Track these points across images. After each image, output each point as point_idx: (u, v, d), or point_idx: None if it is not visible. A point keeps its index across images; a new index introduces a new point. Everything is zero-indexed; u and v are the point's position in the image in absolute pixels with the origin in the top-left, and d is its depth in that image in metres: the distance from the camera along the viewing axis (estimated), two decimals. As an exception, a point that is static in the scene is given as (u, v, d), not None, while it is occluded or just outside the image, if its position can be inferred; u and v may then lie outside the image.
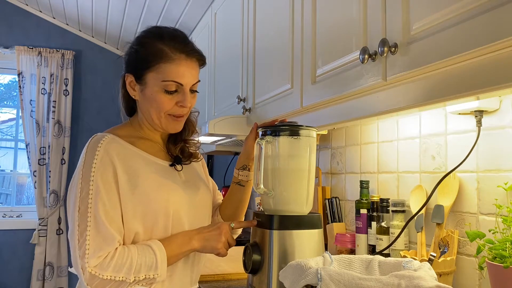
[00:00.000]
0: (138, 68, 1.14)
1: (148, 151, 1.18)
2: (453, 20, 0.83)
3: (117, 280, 1.03)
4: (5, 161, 4.06)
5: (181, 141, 1.26)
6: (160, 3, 2.93)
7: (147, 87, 1.14)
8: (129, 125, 1.23)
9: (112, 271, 1.02)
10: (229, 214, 1.35)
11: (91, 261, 1.01)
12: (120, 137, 1.15)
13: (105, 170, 1.07)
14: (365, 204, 1.59)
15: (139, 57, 1.14)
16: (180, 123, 1.20)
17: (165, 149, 1.24)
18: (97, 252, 1.02)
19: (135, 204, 1.08)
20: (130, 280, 1.03)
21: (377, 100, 1.09)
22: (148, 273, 1.06)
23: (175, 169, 1.21)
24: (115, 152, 1.10)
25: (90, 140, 1.12)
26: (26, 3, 3.77)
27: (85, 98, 3.94)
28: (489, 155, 1.19)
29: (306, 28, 1.41)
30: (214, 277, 1.61)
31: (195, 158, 1.30)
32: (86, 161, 1.08)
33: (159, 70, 1.12)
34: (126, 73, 1.18)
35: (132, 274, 1.03)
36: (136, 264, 1.04)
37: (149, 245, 1.07)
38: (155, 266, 1.06)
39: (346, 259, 1.07)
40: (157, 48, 1.12)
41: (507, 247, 0.97)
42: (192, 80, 1.16)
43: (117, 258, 1.03)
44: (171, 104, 1.14)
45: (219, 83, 2.42)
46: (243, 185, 1.32)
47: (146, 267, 1.05)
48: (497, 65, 0.77)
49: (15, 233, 3.74)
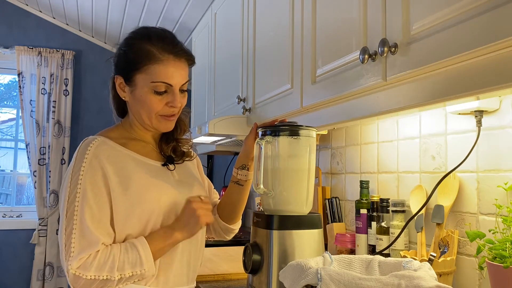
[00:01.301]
0: (127, 70, 1.15)
1: (140, 152, 1.18)
2: (453, 20, 0.83)
3: (102, 279, 1.03)
4: (5, 161, 4.06)
5: (173, 140, 1.27)
6: (160, 3, 2.93)
7: (137, 89, 1.14)
8: (121, 126, 1.23)
9: (94, 271, 1.03)
10: (227, 213, 1.35)
11: (74, 263, 1.03)
12: (111, 139, 1.16)
13: (94, 173, 1.08)
14: (365, 204, 1.59)
15: (128, 59, 1.15)
16: (171, 123, 1.20)
17: (158, 149, 1.24)
18: (80, 254, 1.03)
19: (127, 206, 1.09)
20: (115, 278, 1.04)
21: (377, 100, 1.09)
22: (134, 270, 1.06)
23: (167, 169, 1.21)
24: (105, 155, 1.10)
25: (81, 144, 1.13)
26: (26, 3, 3.77)
27: (85, 98, 3.95)
28: (489, 155, 1.19)
29: (306, 28, 1.41)
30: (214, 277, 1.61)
31: (188, 157, 1.29)
32: (75, 164, 1.09)
33: (148, 71, 1.12)
34: (115, 74, 1.19)
35: (115, 271, 1.04)
36: (118, 262, 1.04)
37: (132, 242, 1.08)
38: (140, 262, 1.06)
39: (346, 259, 1.07)
40: (145, 49, 1.13)
41: (507, 247, 0.97)
42: (181, 80, 1.16)
43: (99, 257, 1.04)
44: (161, 105, 1.15)
45: (219, 83, 2.42)
46: (242, 185, 1.32)
47: (130, 264, 1.05)
48: (497, 65, 0.77)
49: (15, 233, 3.74)
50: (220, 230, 1.37)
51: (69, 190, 1.08)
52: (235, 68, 2.10)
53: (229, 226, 1.36)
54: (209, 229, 1.38)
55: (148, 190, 1.12)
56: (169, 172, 1.21)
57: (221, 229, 1.36)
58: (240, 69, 2.03)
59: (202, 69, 2.73)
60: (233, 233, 1.39)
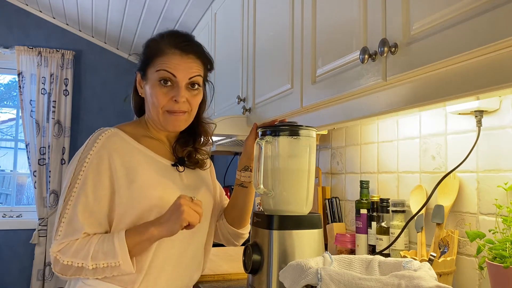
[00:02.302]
0: (143, 67, 1.20)
1: (152, 148, 1.19)
2: (453, 20, 0.83)
3: (76, 266, 1.05)
4: (5, 161, 4.06)
5: (192, 147, 1.26)
6: (160, 3, 2.93)
7: (148, 83, 1.18)
8: (138, 123, 1.25)
9: (70, 257, 1.05)
10: (234, 216, 1.34)
11: (55, 246, 1.07)
12: (126, 132, 1.18)
13: (99, 163, 1.09)
14: (365, 204, 1.59)
15: (143, 56, 1.21)
16: (178, 121, 1.18)
17: (171, 150, 1.24)
18: (62, 239, 1.07)
19: (129, 199, 1.10)
20: (89, 267, 1.05)
21: (377, 100, 1.09)
22: (107, 261, 1.05)
23: (176, 170, 1.21)
24: (115, 146, 1.12)
25: (94, 133, 1.15)
26: (26, 3, 3.77)
27: (85, 98, 3.95)
28: (489, 155, 1.19)
29: (306, 28, 1.41)
30: (214, 277, 1.61)
31: (201, 167, 1.29)
32: (83, 151, 1.12)
33: (155, 64, 1.16)
34: (136, 71, 1.24)
35: (89, 260, 1.05)
36: (93, 251, 1.05)
37: (110, 234, 1.09)
38: (114, 254, 1.05)
39: (346, 259, 1.07)
40: (157, 45, 1.17)
41: (507, 247, 0.97)
42: (186, 74, 1.15)
43: (77, 244, 1.06)
44: (166, 99, 1.15)
45: (219, 83, 2.42)
46: (246, 186, 1.30)
47: (104, 254, 1.06)
48: (497, 65, 0.77)
49: (15, 233, 3.74)
50: (229, 235, 1.36)
51: (72, 176, 1.10)
52: (235, 68, 2.10)
53: (237, 231, 1.35)
54: (218, 236, 1.37)
55: (152, 186, 1.12)
56: (177, 173, 1.21)
57: (229, 234, 1.35)
58: (240, 69, 2.03)
59: (202, 69, 2.72)
60: (242, 239, 1.37)
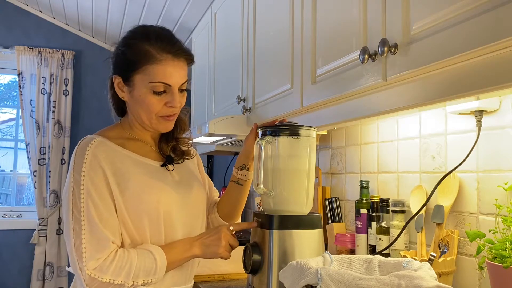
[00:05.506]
0: (125, 70, 1.14)
1: (138, 152, 1.18)
2: (453, 20, 0.83)
3: (116, 283, 1.04)
4: (5, 161, 4.06)
5: (173, 140, 1.26)
6: (160, 3, 2.93)
7: (135, 89, 1.13)
8: (120, 126, 1.22)
9: (111, 275, 1.03)
10: (227, 212, 1.36)
11: (89, 264, 1.02)
12: (110, 139, 1.15)
13: (95, 174, 1.08)
14: (365, 204, 1.59)
15: (126, 59, 1.14)
16: (170, 123, 1.19)
17: (157, 149, 1.24)
18: (94, 255, 1.03)
19: (126, 207, 1.09)
20: (129, 285, 1.05)
21: (377, 100, 1.09)
22: (147, 278, 1.07)
23: (166, 169, 1.21)
24: (103, 156, 1.10)
25: (79, 143, 1.12)
26: (26, 3, 3.77)
27: (85, 98, 3.94)
28: (489, 155, 1.19)
29: (306, 28, 1.41)
30: (214, 277, 1.61)
31: (188, 155, 1.29)
32: (76, 165, 1.09)
33: (146, 72, 1.11)
34: (113, 74, 1.18)
35: (131, 278, 1.04)
36: (135, 269, 1.05)
37: (149, 251, 1.08)
38: (154, 272, 1.07)
39: (346, 259, 1.07)
40: (144, 49, 1.11)
41: (507, 247, 0.97)
42: (180, 80, 1.14)
43: (117, 261, 1.04)
44: (160, 106, 1.14)
45: (219, 83, 2.42)
46: (242, 184, 1.33)
47: (145, 272, 1.06)
48: (497, 65, 0.77)
49: (15, 233, 3.74)
50: None
51: (72, 191, 1.06)
52: (235, 68, 2.10)
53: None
54: (208, 227, 1.39)
55: (146, 191, 1.12)
56: (167, 172, 1.21)
57: None
58: (240, 69, 2.03)
59: (202, 69, 2.73)
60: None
